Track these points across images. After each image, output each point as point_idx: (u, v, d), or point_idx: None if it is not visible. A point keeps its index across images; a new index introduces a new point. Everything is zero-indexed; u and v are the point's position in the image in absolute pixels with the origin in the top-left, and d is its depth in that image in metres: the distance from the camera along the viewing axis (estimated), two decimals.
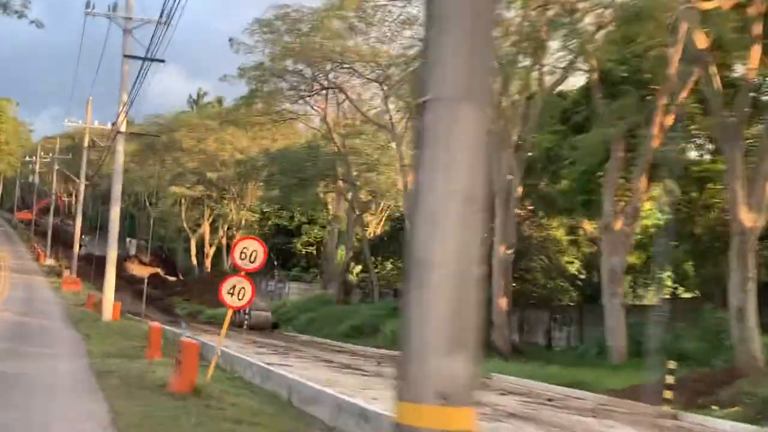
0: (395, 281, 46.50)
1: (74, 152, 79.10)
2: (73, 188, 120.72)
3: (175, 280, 73.34)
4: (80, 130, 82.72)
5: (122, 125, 29.12)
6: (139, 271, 74.81)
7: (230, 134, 59.71)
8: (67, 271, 55.99)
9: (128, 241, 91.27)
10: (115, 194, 28.96)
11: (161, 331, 18.70)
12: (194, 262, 74.77)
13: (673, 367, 16.42)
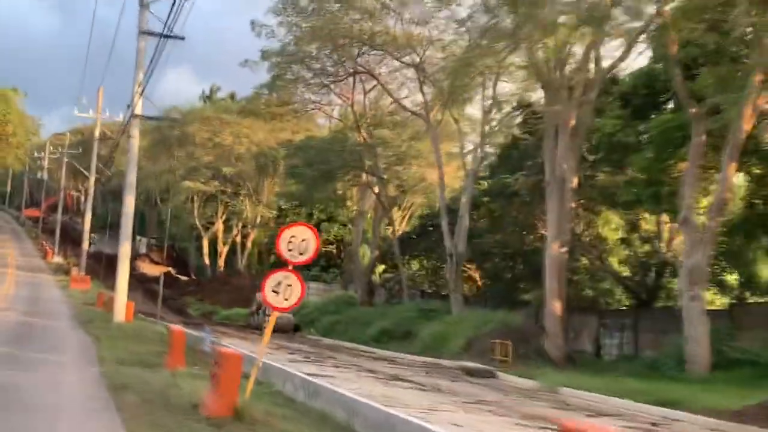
0: (422, 282, 43.83)
1: (84, 147, 76.71)
2: (82, 185, 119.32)
3: (187, 279, 70.88)
4: (90, 127, 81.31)
5: (138, 107, 26.52)
6: (150, 269, 72.61)
7: (247, 127, 57.21)
8: (75, 268, 53.58)
9: (138, 239, 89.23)
10: (129, 182, 26.36)
11: (184, 336, 16.04)
12: (207, 261, 72.21)
13: None
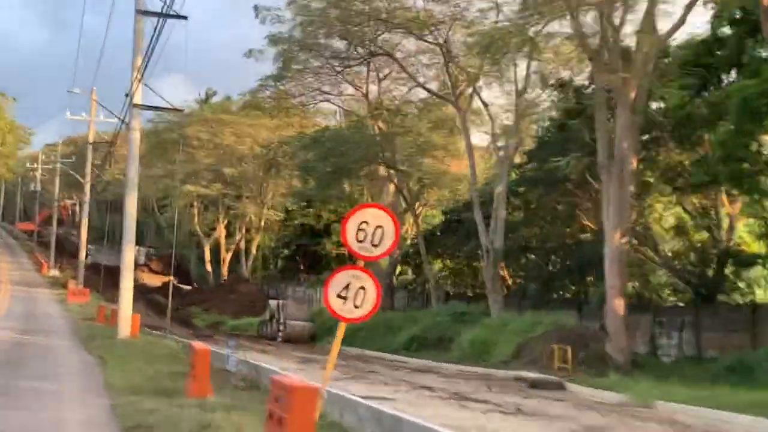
0: (444, 283, 40.87)
1: (78, 157, 73.73)
2: (76, 197, 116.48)
3: (189, 288, 67.86)
4: (84, 137, 78.37)
5: (137, 96, 23.55)
6: (150, 279, 69.68)
7: (249, 125, 54.26)
8: (72, 281, 50.66)
9: (137, 249, 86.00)
10: (130, 178, 23.39)
11: (209, 356, 13.07)
12: (209, 268, 69.15)
13: None
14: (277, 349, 29.71)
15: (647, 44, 20.85)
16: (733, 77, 22.78)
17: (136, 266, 76.39)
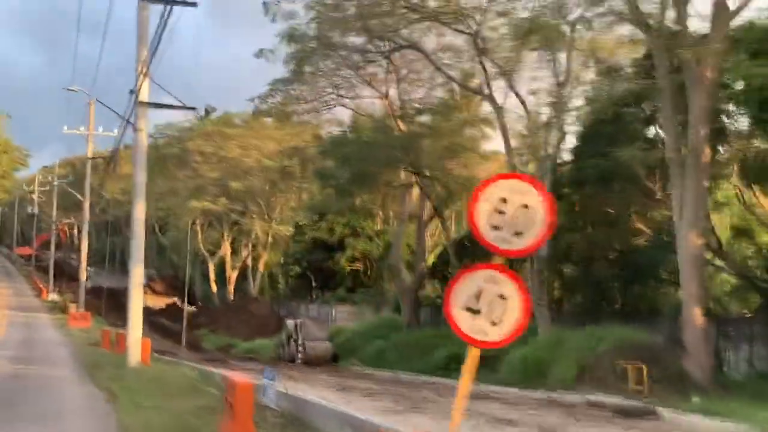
0: None
1: (76, 178, 71.29)
2: (75, 219, 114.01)
3: (194, 309, 65.05)
4: (82, 158, 75.85)
5: (143, 92, 20.92)
6: (153, 301, 66.87)
7: (255, 137, 51.79)
8: (73, 305, 47.95)
9: None
10: (138, 184, 20.71)
11: (252, 391, 10.33)
12: (214, 289, 66.38)
13: None
14: (301, 373, 26.90)
15: (722, 16, 18.27)
16: None
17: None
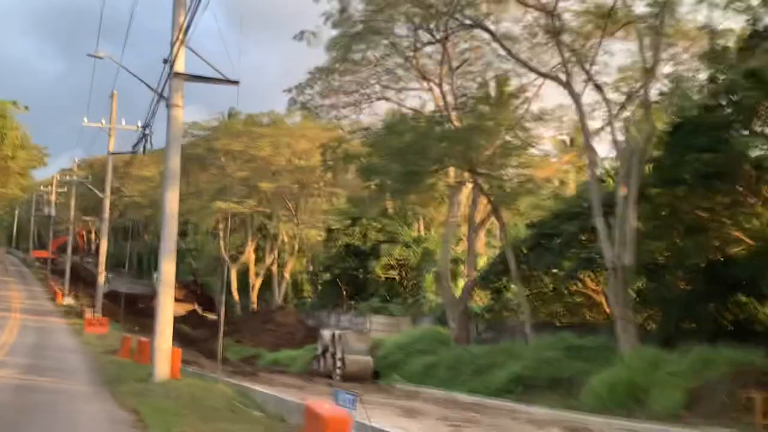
0: (519, 310, 34.71)
1: (94, 180, 68.68)
2: (92, 224, 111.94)
3: (215, 318, 62.13)
4: (101, 159, 73.47)
5: (179, 62, 17.93)
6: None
7: (287, 134, 48.95)
8: (89, 310, 45.18)
9: (155, 275, 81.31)
10: (171, 170, 17.72)
11: (350, 428, 7.16)
12: (236, 296, 63.32)
13: None
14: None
15: None
16: None
17: (155, 294, 71.83)
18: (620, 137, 24.03)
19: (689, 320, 23.97)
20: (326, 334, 32.43)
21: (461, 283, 36.70)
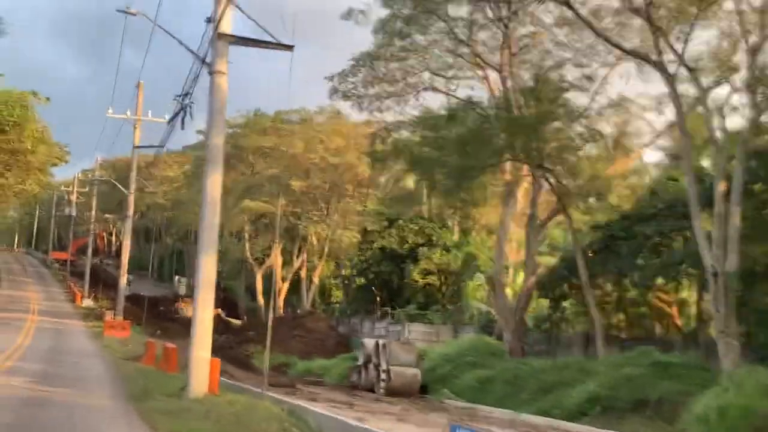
0: (574, 321, 31.74)
1: (117, 178, 66.55)
2: (113, 225, 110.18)
3: (239, 323, 59.68)
4: (125, 159, 71.43)
5: (224, 21, 15.25)
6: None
7: (319, 129, 46.35)
8: (109, 313, 42.78)
9: (176, 279, 79.93)
10: (214, 148, 15.04)
11: None
12: (260, 301, 60.71)
13: None
14: (403, 409, 20.88)
15: None
16: None
17: (177, 298, 69.37)
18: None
19: None
20: (369, 343, 29.55)
21: (508, 291, 33.79)
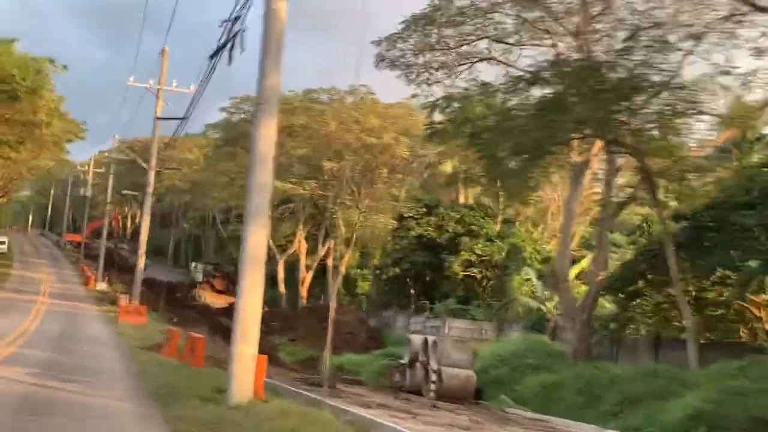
0: (639, 324, 28.31)
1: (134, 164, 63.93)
2: (128, 209, 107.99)
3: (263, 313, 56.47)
4: (144, 141, 68.72)
5: None
6: (213, 299, 59.03)
7: (354, 108, 43.22)
8: (124, 297, 39.99)
9: (193, 265, 77.53)
10: (269, 89, 11.95)
11: None
12: (282, 290, 57.70)
13: None
14: (472, 420, 17.71)
15: None
16: None
17: (195, 284, 66.50)
18: None
19: None
20: (416, 339, 26.31)
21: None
